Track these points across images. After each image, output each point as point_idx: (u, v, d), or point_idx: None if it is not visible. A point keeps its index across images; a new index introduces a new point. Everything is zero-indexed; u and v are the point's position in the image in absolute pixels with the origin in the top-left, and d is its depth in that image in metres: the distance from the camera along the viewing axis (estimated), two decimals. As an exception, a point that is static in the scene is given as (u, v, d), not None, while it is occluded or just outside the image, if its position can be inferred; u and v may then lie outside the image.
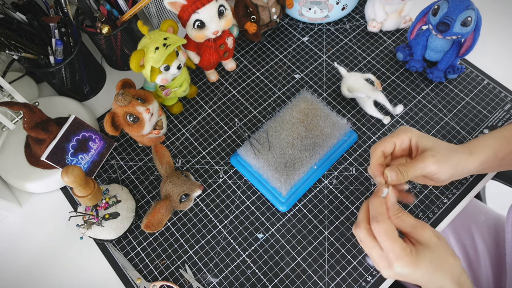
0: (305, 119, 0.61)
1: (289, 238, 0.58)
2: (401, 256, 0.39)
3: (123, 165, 0.65)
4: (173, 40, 0.55)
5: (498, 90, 0.67)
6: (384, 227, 0.40)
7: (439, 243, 0.41)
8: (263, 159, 0.58)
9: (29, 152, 0.63)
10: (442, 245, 0.41)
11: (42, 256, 0.60)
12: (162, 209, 0.53)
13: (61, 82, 0.66)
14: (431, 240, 0.40)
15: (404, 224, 0.42)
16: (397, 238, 0.40)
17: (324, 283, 0.54)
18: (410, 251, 0.40)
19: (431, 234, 0.41)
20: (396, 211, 0.43)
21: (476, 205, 0.73)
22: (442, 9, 0.58)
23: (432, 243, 0.40)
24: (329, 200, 0.60)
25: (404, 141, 0.47)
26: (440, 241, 0.41)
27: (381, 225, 0.41)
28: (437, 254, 0.40)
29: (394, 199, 0.43)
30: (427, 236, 0.41)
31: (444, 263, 0.41)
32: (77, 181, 0.47)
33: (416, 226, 0.41)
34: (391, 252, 0.40)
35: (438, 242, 0.41)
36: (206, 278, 0.56)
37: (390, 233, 0.40)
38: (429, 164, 0.45)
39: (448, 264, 0.41)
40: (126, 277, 0.56)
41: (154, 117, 0.58)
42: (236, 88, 0.71)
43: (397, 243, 0.40)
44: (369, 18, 0.75)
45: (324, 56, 0.74)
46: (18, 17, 0.60)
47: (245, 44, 0.76)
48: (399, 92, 0.68)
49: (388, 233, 0.40)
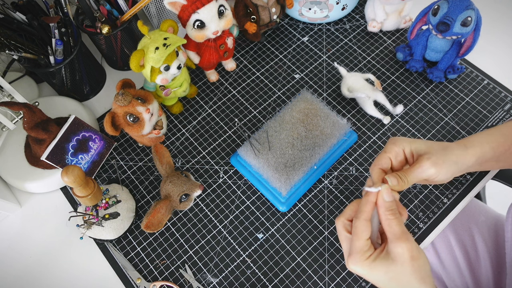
0: (305, 119, 0.61)
1: (289, 238, 0.58)
2: (355, 254, 0.41)
3: (123, 165, 0.65)
4: (173, 40, 0.55)
5: (498, 90, 0.67)
6: (358, 224, 0.41)
7: (409, 263, 0.39)
8: (263, 159, 0.58)
9: (29, 152, 0.63)
10: (411, 266, 0.39)
11: (42, 256, 0.60)
12: (162, 209, 0.53)
13: (61, 82, 0.66)
14: (399, 256, 0.40)
15: (389, 229, 0.41)
16: (362, 238, 0.41)
17: (324, 283, 0.54)
18: (369, 255, 0.41)
19: (404, 250, 0.39)
20: (389, 211, 0.42)
21: (476, 205, 0.73)
22: (442, 9, 0.58)
23: (399, 259, 0.40)
24: (329, 200, 0.60)
25: (398, 153, 0.46)
26: (412, 261, 0.39)
27: (356, 221, 0.42)
28: (398, 271, 0.40)
29: (389, 198, 0.42)
30: (399, 250, 0.40)
31: (404, 283, 0.40)
32: (77, 181, 0.47)
33: (396, 237, 0.40)
34: (351, 248, 0.42)
35: (408, 261, 0.39)
36: (206, 278, 0.56)
37: (359, 231, 0.41)
38: (426, 167, 0.44)
39: (409, 285, 0.40)
40: (126, 277, 0.56)
41: (154, 117, 0.58)
42: (236, 88, 0.71)
43: (360, 242, 0.41)
44: (369, 18, 0.75)
45: (324, 56, 0.74)
46: (18, 17, 0.60)
47: (245, 44, 0.76)
48: (399, 92, 0.68)
49: (358, 230, 0.41)
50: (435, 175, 0.45)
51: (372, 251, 0.41)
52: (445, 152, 0.46)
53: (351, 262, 0.41)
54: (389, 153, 0.46)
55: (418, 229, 0.57)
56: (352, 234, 0.42)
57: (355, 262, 0.41)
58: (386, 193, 0.42)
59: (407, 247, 0.39)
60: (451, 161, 0.46)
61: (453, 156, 0.46)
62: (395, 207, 0.42)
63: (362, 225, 0.41)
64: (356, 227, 0.42)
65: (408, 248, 0.39)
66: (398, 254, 0.40)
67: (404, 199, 0.59)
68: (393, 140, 0.47)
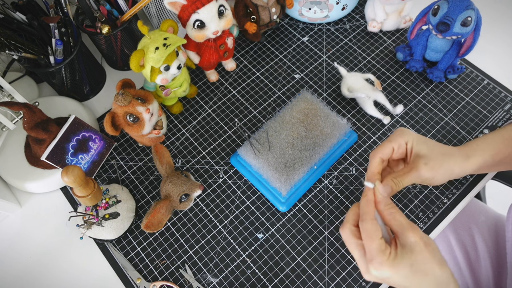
0: (305, 119, 0.61)
1: (289, 238, 0.58)
2: (376, 257, 0.38)
3: (123, 165, 0.65)
4: (173, 40, 0.55)
5: (498, 90, 0.67)
6: (366, 225, 0.40)
7: (425, 249, 0.39)
8: (263, 159, 0.58)
9: (29, 152, 0.63)
10: (429, 252, 0.39)
11: (42, 256, 0.60)
12: (162, 209, 0.53)
13: (61, 82, 0.66)
14: (416, 245, 0.39)
15: (395, 222, 0.40)
16: (376, 238, 0.39)
17: (324, 283, 0.54)
18: (388, 253, 0.39)
19: (417, 239, 0.39)
20: (388, 206, 0.41)
21: (476, 205, 0.73)
22: (442, 9, 0.58)
23: (416, 248, 0.38)
24: (329, 200, 0.60)
25: (401, 145, 0.46)
26: (427, 247, 0.39)
27: (363, 224, 0.40)
28: (420, 260, 0.38)
29: (385, 192, 0.42)
30: (412, 239, 0.39)
31: (428, 270, 0.39)
32: (77, 181, 0.47)
33: (405, 227, 0.39)
34: (369, 252, 0.39)
35: (424, 248, 0.39)
36: (206, 278, 0.56)
37: (371, 232, 0.39)
38: (422, 172, 0.44)
39: (432, 272, 0.39)
40: (126, 277, 0.56)
41: (154, 117, 0.58)
42: (236, 88, 0.71)
43: (375, 243, 0.39)
44: (369, 18, 0.75)
45: (324, 56, 0.74)
46: (18, 17, 0.60)
47: (245, 44, 0.76)
48: (399, 92, 0.68)
49: (369, 232, 0.39)
50: (430, 179, 0.45)
51: (389, 248, 0.39)
52: (444, 158, 0.46)
53: (375, 267, 0.38)
54: (393, 143, 0.46)
55: (418, 229, 0.57)
56: (364, 238, 0.40)
57: (379, 265, 0.38)
58: (381, 188, 0.42)
59: (418, 235, 0.39)
60: (447, 168, 0.46)
61: (451, 164, 0.46)
62: (391, 202, 0.42)
63: (372, 225, 0.40)
64: (366, 229, 0.40)
65: (420, 236, 0.39)
66: (413, 243, 0.38)
67: (404, 199, 0.59)
68: (400, 131, 0.46)
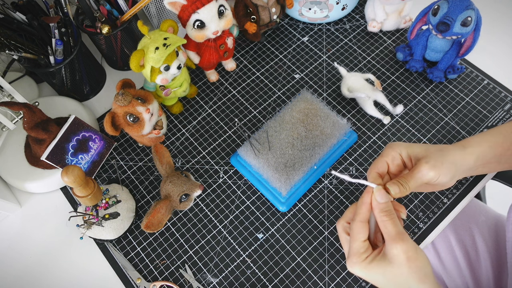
0: (305, 119, 0.61)
1: (289, 238, 0.58)
2: (352, 256, 0.42)
3: (123, 165, 0.65)
4: (173, 40, 0.55)
5: (498, 90, 0.67)
6: (353, 225, 0.42)
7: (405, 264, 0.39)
8: (263, 159, 0.58)
9: (29, 152, 0.63)
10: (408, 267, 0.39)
11: (42, 256, 0.60)
12: (162, 209, 0.53)
13: (61, 82, 0.66)
14: (396, 257, 0.39)
15: (385, 230, 0.41)
16: (358, 240, 0.42)
17: (324, 283, 0.54)
18: (365, 256, 0.41)
19: (400, 252, 0.39)
20: (383, 213, 0.42)
21: (476, 205, 0.73)
22: (442, 9, 0.58)
23: (395, 261, 0.39)
24: (329, 200, 0.60)
25: (395, 157, 0.46)
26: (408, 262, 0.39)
27: (352, 223, 0.43)
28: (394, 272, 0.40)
29: (382, 199, 0.42)
30: (395, 251, 0.39)
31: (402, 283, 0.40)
32: (77, 181, 0.47)
33: (392, 238, 0.40)
34: (350, 250, 0.43)
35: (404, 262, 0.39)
36: (206, 278, 0.56)
37: (355, 233, 0.42)
38: (426, 171, 0.44)
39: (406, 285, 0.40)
40: (126, 277, 0.56)
41: (154, 117, 0.58)
42: (236, 88, 0.71)
43: (356, 244, 0.42)
44: (369, 18, 0.75)
45: (324, 56, 0.74)
46: (18, 17, 0.60)
47: (245, 44, 0.76)
48: (399, 92, 0.68)
49: (353, 232, 0.42)
50: (435, 177, 0.45)
51: (369, 252, 0.42)
52: (442, 153, 0.46)
53: (349, 264, 0.42)
54: (386, 157, 0.46)
55: (418, 229, 0.57)
56: (350, 237, 0.43)
57: (352, 264, 0.42)
58: (378, 195, 0.42)
59: (402, 248, 0.39)
60: (449, 162, 0.46)
61: (450, 157, 0.46)
62: (390, 208, 0.42)
63: (358, 227, 0.42)
64: (352, 229, 0.42)
65: (403, 249, 0.39)
66: (394, 255, 0.40)
67: (404, 199, 0.59)
68: (390, 145, 0.47)
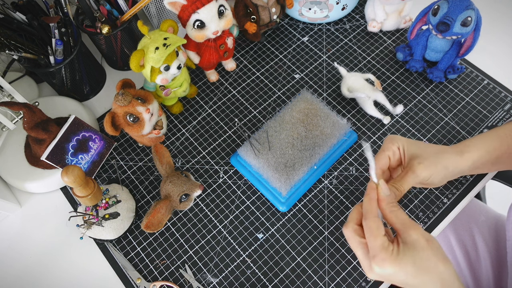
0: (305, 119, 0.61)
1: (289, 238, 0.58)
2: (379, 253, 0.39)
3: (123, 165, 0.65)
4: (173, 40, 0.55)
5: (498, 90, 0.67)
6: (369, 223, 0.40)
7: (427, 246, 0.39)
8: (263, 159, 0.58)
9: (29, 152, 0.63)
10: (431, 249, 0.39)
11: (42, 256, 0.60)
12: (162, 209, 0.53)
13: (61, 82, 0.66)
14: (418, 242, 0.39)
15: (396, 220, 0.41)
16: (379, 235, 0.39)
17: (324, 283, 0.54)
18: (391, 250, 0.39)
19: (419, 236, 0.39)
20: (391, 204, 0.41)
21: (477, 205, 0.73)
22: (442, 9, 0.58)
23: (418, 245, 0.39)
24: (329, 200, 0.60)
25: (395, 151, 0.47)
26: (429, 244, 0.39)
27: (367, 222, 0.41)
28: (422, 257, 0.38)
29: (387, 191, 0.42)
30: (414, 236, 0.39)
31: (431, 267, 0.38)
32: (77, 181, 0.47)
33: (406, 225, 0.40)
34: (371, 249, 0.39)
35: (426, 244, 0.39)
36: (206, 278, 0.56)
37: (373, 230, 0.40)
38: (419, 172, 0.45)
39: (435, 268, 0.39)
40: (126, 277, 0.56)
41: (154, 117, 0.58)
42: (236, 88, 0.71)
43: (379, 240, 0.39)
44: (369, 18, 0.74)
45: (324, 56, 0.74)
46: (18, 17, 0.60)
47: (245, 44, 0.76)
48: (399, 92, 0.68)
49: (372, 229, 0.40)
50: (427, 177, 0.45)
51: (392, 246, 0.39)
52: (437, 156, 0.46)
53: (378, 264, 0.39)
54: (388, 151, 0.47)
55: (418, 229, 0.57)
56: (367, 236, 0.40)
57: (382, 262, 0.38)
58: (384, 187, 0.42)
59: (419, 231, 0.39)
60: (442, 165, 0.46)
61: (445, 161, 0.46)
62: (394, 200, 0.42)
63: (374, 223, 0.40)
64: (369, 227, 0.40)
65: (421, 233, 0.39)
66: (415, 240, 0.39)
67: (404, 199, 0.59)
68: (390, 138, 0.47)
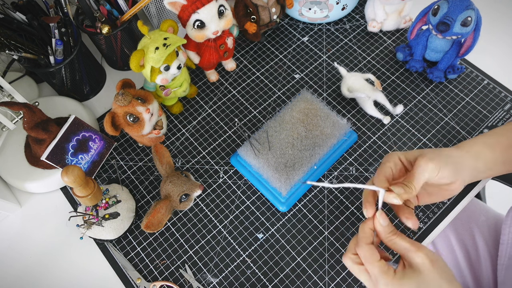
0: (305, 119, 0.61)
1: (289, 238, 0.58)
2: (380, 279, 0.40)
3: (123, 165, 0.65)
4: (173, 40, 0.55)
5: (498, 90, 0.67)
6: (362, 252, 0.42)
7: (432, 268, 0.40)
8: (263, 159, 0.58)
9: (29, 152, 0.63)
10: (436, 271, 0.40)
11: (42, 256, 0.60)
12: (162, 209, 0.53)
13: (61, 82, 0.66)
14: (423, 265, 0.40)
15: (397, 247, 0.42)
16: (375, 261, 0.41)
17: (324, 283, 0.54)
18: (392, 273, 0.40)
19: (424, 259, 0.40)
20: (388, 233, 0.42)
21: (477, 205, 0.73)
22: (442, 9, 0.58)
23: (423, 268, 0.40)
24: (329, 200, 0.60)
25: (396, 162, 0.47)
26: (434, 265, 0.40)
27: (359, 249, 0.42)
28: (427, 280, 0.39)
29: (385, 222, 0.43)
30: (419, 260, 0.40)
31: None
32: (77, 181, 0.47)
33: (409, 249, 0.41)
34: (372, 276, 0.41)
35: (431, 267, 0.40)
36: (206, 278, 0.56)
37: (368, 257, 0.41)
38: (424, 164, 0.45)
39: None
40: (126, 277, 0.56)
41: (154, 117, 0.58)
42: (236, 88, 0.71)
43: (375, 265, 0.40)
44: (369, 18, 0.75)
45: (324, 56, 0.74)
46: (18, 17, 0.60)
47: (245, 44, 0.76)
48: (399, 92, 0.68)
49: (366, 256, 0.41)
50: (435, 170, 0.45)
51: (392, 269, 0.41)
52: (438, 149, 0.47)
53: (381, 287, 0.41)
54: (389, 163, 0.47)
55: (418, 229, 0.57)
56: (365, 264, 0.41)
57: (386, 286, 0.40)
58: (382, 218, 0.43)
59: (424, 254, 0.40)
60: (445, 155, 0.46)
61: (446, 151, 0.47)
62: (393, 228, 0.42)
63: (367, 250, 0.41)
64: (363, 255, 0.42)
65: (425, 255, 0.40)
66: (419, 263, 0.40)
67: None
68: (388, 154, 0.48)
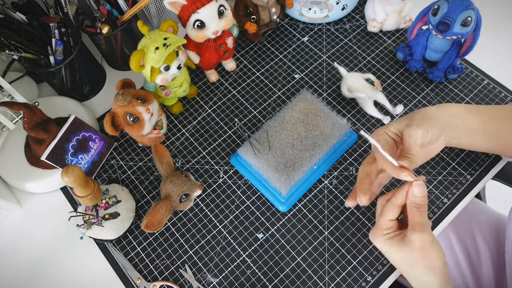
0: (305, 119, 0.61)
1: (289, 238, 0.58)
2: (375, 229, 0.48)
3: (123, 165, 0.65)
4: (173, 40, 0.55)
5: (498, 90, 0.67)
6: (387, 205, 0.47)
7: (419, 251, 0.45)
8: (263, 159, 0.58)
9: (29, 152, 0.63)
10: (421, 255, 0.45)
11: (42, 256, 0.60)
12: (162, 209, 0.53)
13: (61, 82, 0.66)
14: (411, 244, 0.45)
15: (410, 218, 0.46)
16: (386, 216, 0.47)
17: (324, 283, 0.54)
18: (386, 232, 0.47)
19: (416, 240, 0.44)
20: (412, 204, 0.46)
21: (477, 205, 0.73)
22: (442, 9, 0.58)
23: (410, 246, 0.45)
24: (329, 200, 0.60)
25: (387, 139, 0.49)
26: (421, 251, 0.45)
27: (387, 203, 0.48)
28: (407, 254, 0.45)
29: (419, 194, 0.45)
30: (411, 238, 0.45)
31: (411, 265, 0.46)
32: (77, 181, 0.47)
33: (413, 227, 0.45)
34: (376, 223, 0.49)
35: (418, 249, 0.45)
36: (206, 278, 0.56)
37: (385, 211, 0.47)
38: (414, 133, 0.46)
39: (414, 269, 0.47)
40: (126, 277, 0.56)
41: (154, 117, 0.58)
42: (236, 88, 0.71)
43: (383, 219, 0.47)
44: (369, 18, 0.74)
45: (324, 56, 0.74)
46: (18, 17, 0.60)
47: (245, 44, 0.76)
48: (399, 92, 0.68)
49: (385, 209, 0.47)
50: (424, 133, 0.47)
51: (391, 230, 0.47)
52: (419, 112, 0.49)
53: (371, 235, 0.48)
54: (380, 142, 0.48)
55: (418, 229, 0.57)
56: (381, 212, 0.48)
57: (374, 236, 0.48)
58: (417, 188, 0.45)
59: (418, 238, 0.44)
60: (428, 116, 0.48)
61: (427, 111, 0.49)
62: (421, 202, 0.45)
63: (389, 207, 0.47)
64: (384, 207, 0.47)
65: (419, 238, 0.44)
66: (410, 241, 0.45)
67: (404, 199, 0.59)
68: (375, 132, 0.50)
